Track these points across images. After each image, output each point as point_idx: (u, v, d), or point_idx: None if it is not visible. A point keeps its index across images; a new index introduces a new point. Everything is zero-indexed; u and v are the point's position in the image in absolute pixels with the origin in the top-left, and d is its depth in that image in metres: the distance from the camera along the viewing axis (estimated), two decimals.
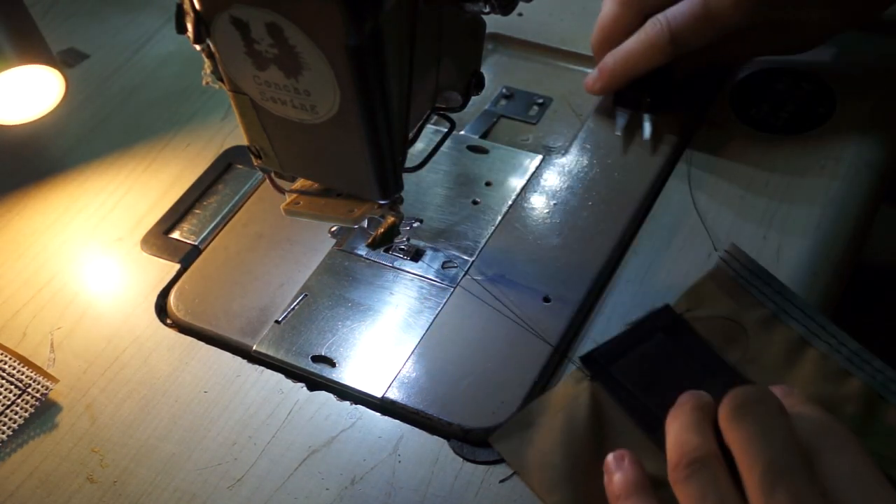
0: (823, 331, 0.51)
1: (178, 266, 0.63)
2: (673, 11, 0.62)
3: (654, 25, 0.62)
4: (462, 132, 0.69)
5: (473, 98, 0.56)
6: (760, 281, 0.53)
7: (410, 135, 0.51)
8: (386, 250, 0.61)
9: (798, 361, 0.51)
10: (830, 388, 0.49)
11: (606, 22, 0.65)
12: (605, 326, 0.56)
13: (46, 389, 0.56)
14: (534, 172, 0.66)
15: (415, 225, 0.62)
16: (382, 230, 0.57)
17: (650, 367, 0.51)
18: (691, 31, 0.61)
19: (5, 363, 0.57)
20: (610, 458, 0.46)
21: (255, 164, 0.53)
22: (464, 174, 0.66)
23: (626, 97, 0.67)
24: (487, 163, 0.67)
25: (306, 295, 0.60)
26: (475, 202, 0.64)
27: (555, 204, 0.63)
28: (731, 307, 0.53)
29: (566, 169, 0.66)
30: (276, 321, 0.58)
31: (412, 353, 0.56)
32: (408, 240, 0.62)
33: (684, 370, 0.51)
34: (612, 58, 0.65)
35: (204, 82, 0.50)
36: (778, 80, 0.69)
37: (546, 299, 0.58)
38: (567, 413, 0.50)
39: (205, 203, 0.67)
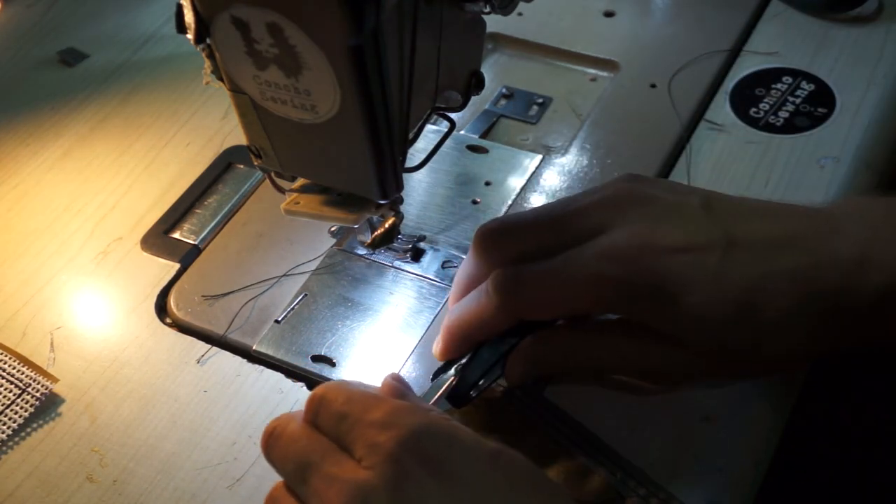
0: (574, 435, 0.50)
1: (178, 266, 0.63)
2: (527, 266, 0.48)
3: (494, 278, 0.48)
4: (462, 132, 0.69)
5: (473, 98, 0.56)
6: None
7: (410, 135, 0.51)
8: (385, 251, 0.61)
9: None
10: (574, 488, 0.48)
11: (460, 277, 0.52)
12: None
13: (46, 389, 0.56)
14: (534, 172, 0.66)
15: (418, 244, 0.61)
16: (382, 230, 0.57)
17: None
18: (535, 295, 0.47)
19: (5, 363, 0.57)
20: None
21: (255, 163, 0.53)
22: (464, 174, 0.66)
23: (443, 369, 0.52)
24: (487, 162, 0.67)
25: (306, 295, 0.60)
26: (475, 202, 0.64)
27: None
28: None
29: (566, 169, 0.66)
30: (276, 321, 0.58)
31: (412, 352, 0.56)
32: (417, 241, 0.61)
33: None
34: (451, 313, 0.51)
35: (204, 82, 0.50)
36: (778, 80, 0.69)
37: None
38: None
39: (205, 203, 0.67)
